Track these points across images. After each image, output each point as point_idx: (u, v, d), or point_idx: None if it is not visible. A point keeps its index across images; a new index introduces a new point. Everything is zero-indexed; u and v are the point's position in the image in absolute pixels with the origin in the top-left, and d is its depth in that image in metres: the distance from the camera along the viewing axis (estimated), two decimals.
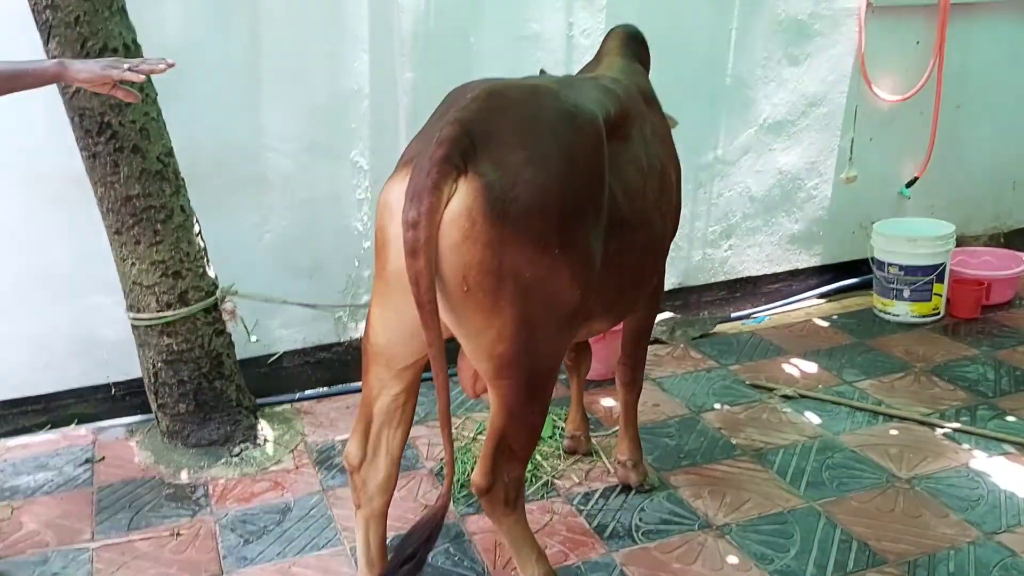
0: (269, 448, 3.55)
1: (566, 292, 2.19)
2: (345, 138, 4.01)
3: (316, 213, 4.05)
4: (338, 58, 3.92)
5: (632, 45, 3.15)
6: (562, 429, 3.51)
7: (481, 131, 2.08)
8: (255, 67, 3.79)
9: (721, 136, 4.60)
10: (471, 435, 3.57)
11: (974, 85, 5.07)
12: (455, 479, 3.22)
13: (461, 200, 2.03)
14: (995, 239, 5.38)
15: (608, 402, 3.80)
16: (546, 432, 3.51)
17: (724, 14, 4.46)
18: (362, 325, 4.24)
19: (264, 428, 3.65)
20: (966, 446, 3.40)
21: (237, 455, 3.47)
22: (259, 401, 3.89)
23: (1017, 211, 5.43)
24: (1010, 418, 3.59)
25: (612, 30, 3.24)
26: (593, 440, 3.47)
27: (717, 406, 3.76)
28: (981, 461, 3.30)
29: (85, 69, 2.29)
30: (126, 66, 2.29)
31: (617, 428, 3.31)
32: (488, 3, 4.06)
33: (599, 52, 3.18)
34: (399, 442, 2.47)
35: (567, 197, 2.18)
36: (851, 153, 4.84)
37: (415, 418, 3.72)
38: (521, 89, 2.31)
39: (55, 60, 2.37)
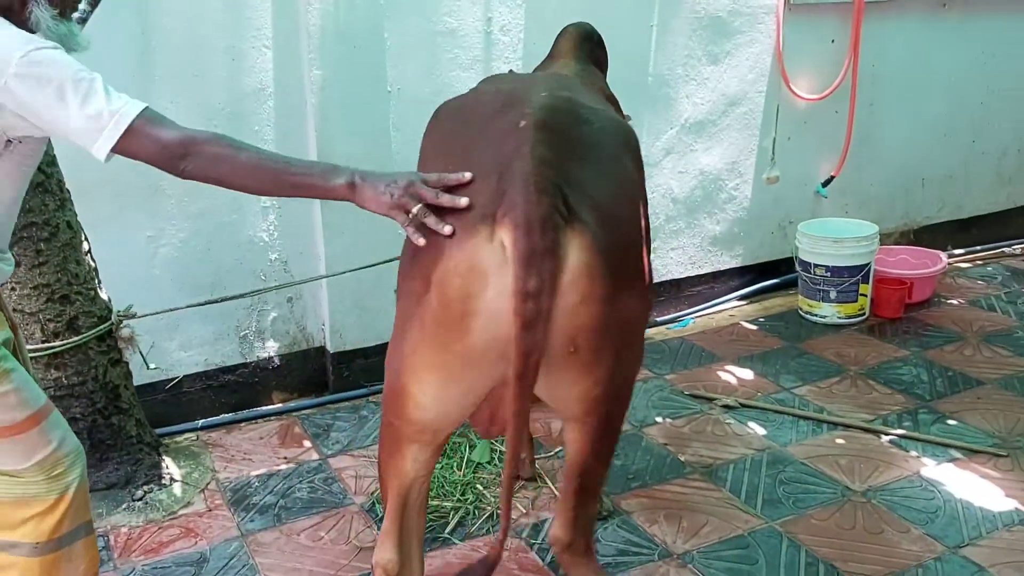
0: (177, 489, 3.19)
1: (646, 316, 2.08)
2: (248, 142, 3.64)
3: (216, 225, 3.70)
4: (239, 54, 3.58)
5: (586, 46, 2.95)
6: (501, 453, 3.28)
7: (562, 171, 1.80)
8: (146, 64, 3.42)
9: (644, 137, 4.43)
10: None
11: (886, 83, 5.06)
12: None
13: (578, 258, 1.76)
14: (906, 236, 5.40)
15: (554, 423, 3.58)
16: (483, 457, 3.27)
17: (645, 10, 4.31)
18: (270, 344, 3.95)
19: (169, 466, 3.28)
20: (914, 453, 3.32)
21: (141, 499, 3.10)
22: (158, 432, 3.52)
23: (926, 207, 5.47)
24: (951, 421, 3.53)
25: (565, 30, 3.03)
26: (536, 463, 3.25)
27: (659, 419, 3.59)
28: (932, 469, 3.22)
29: (375, 198, 1.87)
30: (424, 197, 1.84)
31: (561, 448, 3.10)
32: None
33: (551, 53, 2.96)
34: (423, 522, 2.17)
35: (641, 226, 2.07)
36: (773, 153, 4.76)
37: (340, 447, 3.51)
38: (566, 110, 2.00)
39: (349, 174, 1.90)
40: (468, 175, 1.83)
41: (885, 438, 3.42)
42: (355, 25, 3.69)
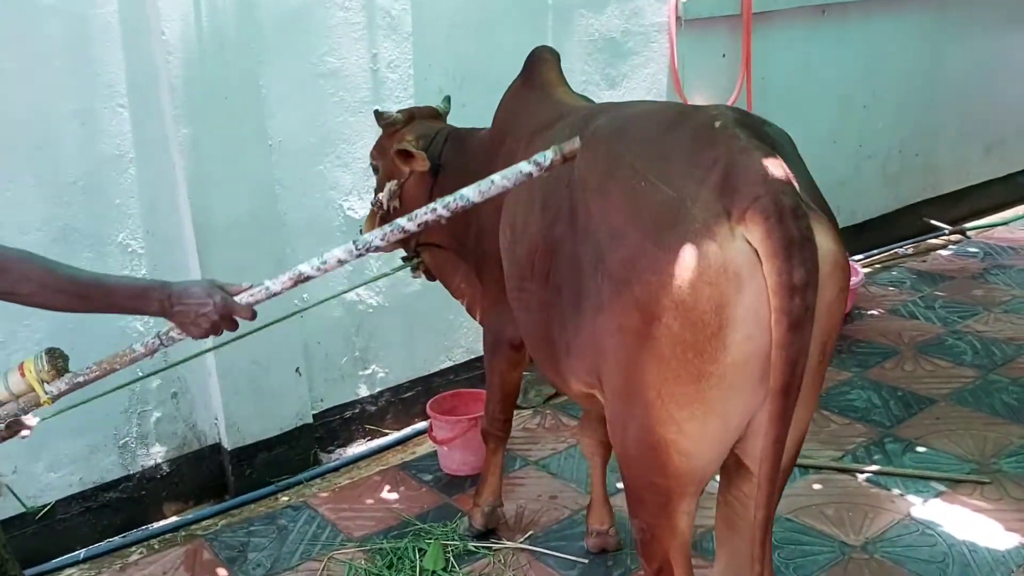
0: None
1: None
2: (109, 218, 3.14)
3: (81, 318, 3.11)
4: (89, 117, 3.05)
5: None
6: (461, 551, 2.86)
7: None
8: None
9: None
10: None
11: (775, 94, 4.92)
12: None
13: (828, 247, 1.62)
14: None
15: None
16: (436, 564, 2.82)
17: (538, 35, 3.97)
18: (156, 449, 3.37)
19: None
20: (896, 491, 3.08)
21: None
22: (31, 573, 2.92)
23: None
24: (920, 448, 3.33)
25: (541, 57, 2.78)
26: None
27: (620, 485, 3.23)
28: (921, 508, 2.99)
29: (188, 326, 1.82)
30: (242, 317, 1.84)
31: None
32: (276, 37, 3.31)
33: (537, 82, 2.69)
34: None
35: None
36: None
37: (263, 570, 3.01)
38: (744, 112, 1.89)
39: (159, 299, 1.80)
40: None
41: (861, 477, 3.17)
42: (225, 73, 3.19)
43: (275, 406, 3.49)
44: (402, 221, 1.81)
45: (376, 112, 2.97)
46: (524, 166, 1.75)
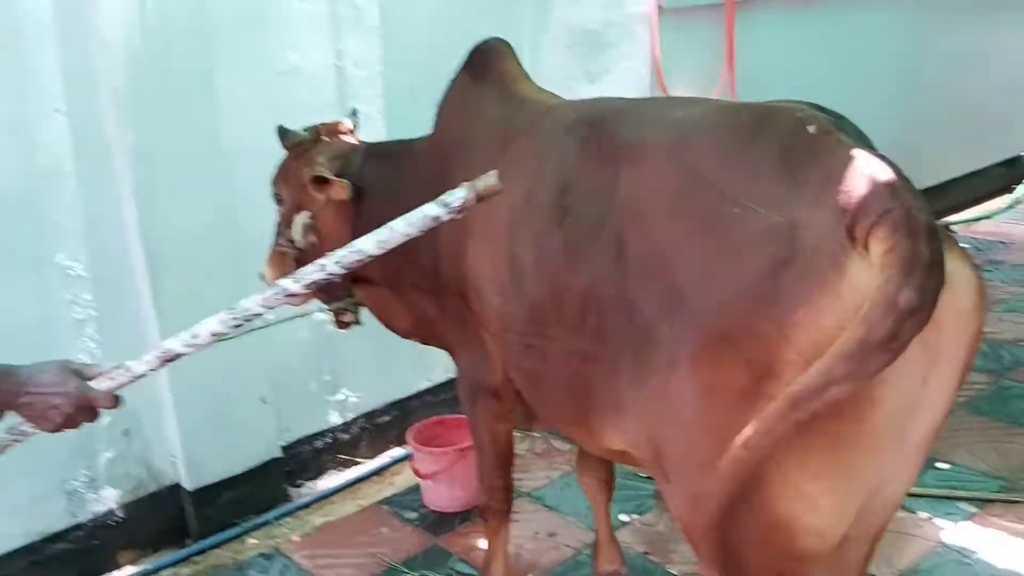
0: None
1: None
2: (45, 237, 2.81)
3: (14, 348, 2.74)
4: (19, 125, 2.71)
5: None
6: None
7: None
8: None
9: None
10: None
11: (760, 85, 4.68)
12: None
13: (971, 277, 1.42)
14: None
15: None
16: None
17: (514, 29, 3.67)
18: (108, 493, 3.04)
19: None
20: (923, 514, 2.86)
21: None
22: None
23: None
24: (942, 465, 3.11)
25: (494, 49, 2.36)
26: None
27: (624, 518, 2.96)
28: (952, 533, 2.77)
29: (39, 419, 1.58)
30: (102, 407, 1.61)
31: None
32: (231, 32, 3.00)
33: (498, 76, 2.30)
34: None
35: None
36: None
37: None
38: (826, 113, 1.60)
39: (6, 390, 1.55)
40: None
41: None
42: (173, 74, 2.87)
43: (239, 439, 3.19)
44: (287, 282, 1.57)
45: (280, 131, 2.58)
46: (430, 208, 1.48)
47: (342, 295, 2.59)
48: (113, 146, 2.83)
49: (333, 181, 2.38)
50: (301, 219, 2.49)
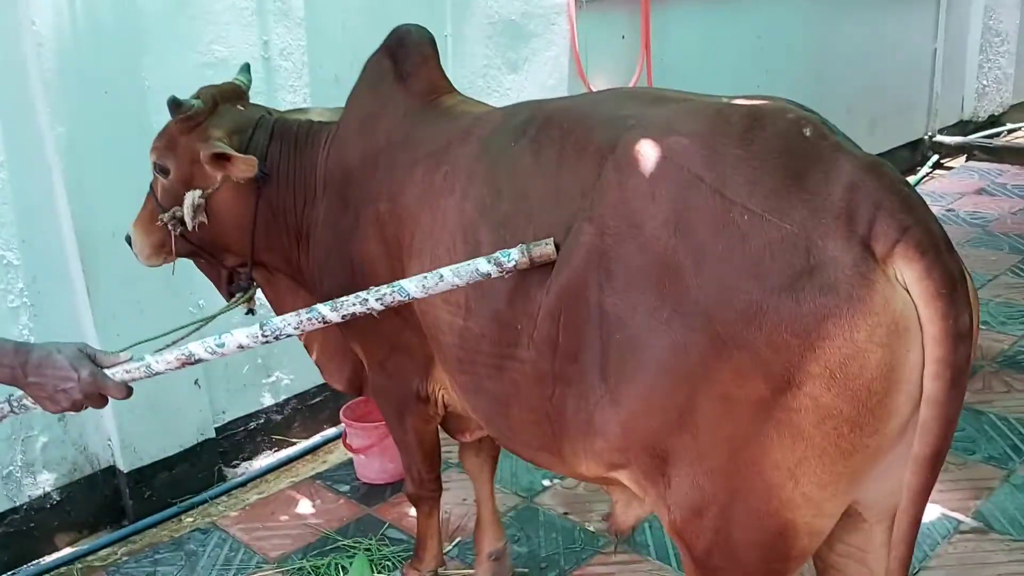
0: None
1: None
2: None
3: None
4: None
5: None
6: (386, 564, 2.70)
7: None
8: None
9: None
10: None
11: (675, 74, 4.89)
12: None
13: (971, 285, 1.40)
14: None
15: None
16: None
17: (437, 19, 3.82)
18: (44, 477, 3.10)
19: None
20: None
21: None
22: None
23: None
24: None
25: (415, 43, 2.20)
26: None
27: (547, 483, 3.13)
28: None
29: (45, 400, 1.58)
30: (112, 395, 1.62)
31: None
32: (158, 24, 3.06)
33: (428, 79, 2.18)
34: None
35: None
36: None
37: None
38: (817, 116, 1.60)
39: (10, 365, 1.55)
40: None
41: None
42: (104, 65, 2.93)
43: (174, 422, 3.26)
44: (325, 310, 1.62)
45: (171, 101, 2.22)
46: (482, 264, 1.52)
47: (247, 281, 2.52)
48: (45, 137, 2.88)
49: (236, 158, 2.15)
50: (192, 198, 2.27)
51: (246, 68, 2.48)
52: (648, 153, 1.52)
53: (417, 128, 2.07)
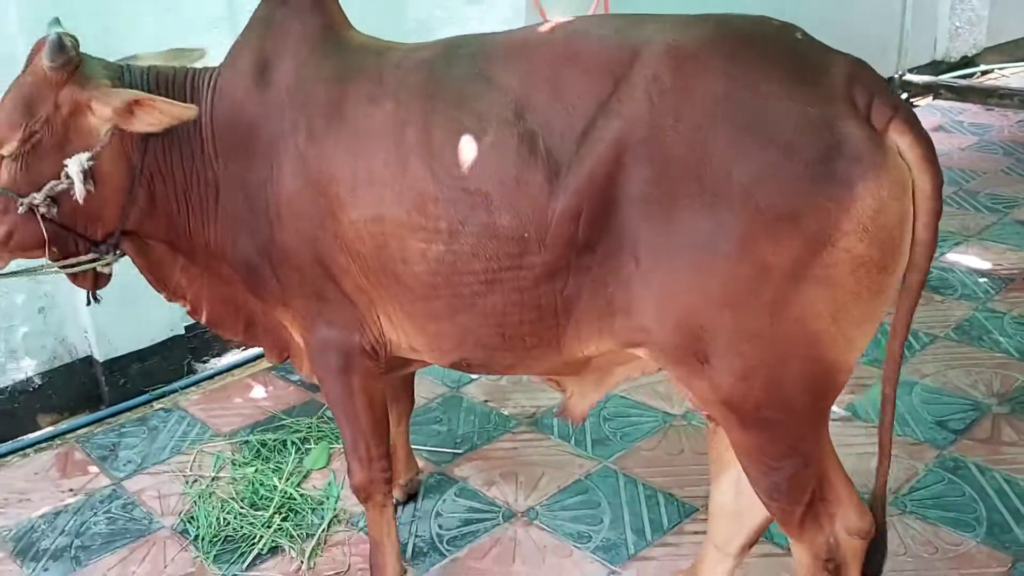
0: None
1: None
2: None
3: None
4: None
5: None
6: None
7: None
8: None
9: None
10: (210, 473, 2.99)
11: (632, 7, 5.09)
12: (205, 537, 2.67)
13: None
14: None
15: None
16: (318, 463, 3.01)
17: None
18: (26, 363, 3.45)
19: None
20: None
21: None
22: None
23: None
24: None
25: None
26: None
27: (474, 375, 3.48)
28: None
29: None
30: None
31: None
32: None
33: (336, 20, 2.12)
34: None
35: None
36: None
37: (133, 466, 3.13)
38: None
39: None
40: None
41: None
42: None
43: (145, 317, 3.57)
44: None
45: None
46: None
47: (111, 248, 2.17)
48: None
49: (167, 104, 1.93)
50: (79, 162, 1.95)
51: (56, 21, 2.08)
52: (676, 57, 1.71)
53: (331, 61, 2.01)
